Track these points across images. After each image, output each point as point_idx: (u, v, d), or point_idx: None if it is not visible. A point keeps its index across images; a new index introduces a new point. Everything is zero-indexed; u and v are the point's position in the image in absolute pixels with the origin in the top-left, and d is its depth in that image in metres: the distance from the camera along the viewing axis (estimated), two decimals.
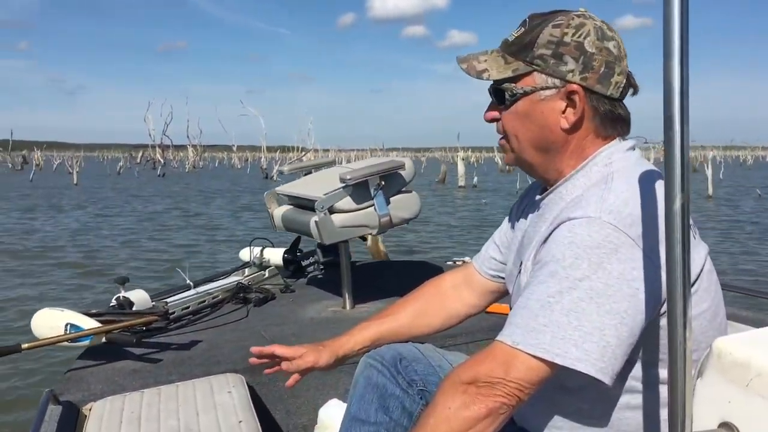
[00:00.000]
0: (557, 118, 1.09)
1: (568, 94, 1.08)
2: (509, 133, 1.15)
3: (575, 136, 1.10)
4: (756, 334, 0.85)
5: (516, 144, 1.14)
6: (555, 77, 1.08)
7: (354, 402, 1.25)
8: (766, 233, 11.95)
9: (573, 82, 1.07)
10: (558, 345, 0.93)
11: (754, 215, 15.31)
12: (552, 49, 1.07)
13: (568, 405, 1.08)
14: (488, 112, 1.17)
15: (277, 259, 3.14)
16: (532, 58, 1.08)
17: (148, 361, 2.04)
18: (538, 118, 1.10)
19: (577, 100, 1.08)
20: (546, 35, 1.08)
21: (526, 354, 0.94)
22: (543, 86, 1.09)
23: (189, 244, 11.05)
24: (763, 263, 8.89)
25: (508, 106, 1.12)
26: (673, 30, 0.68)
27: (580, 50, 1.07)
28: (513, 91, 1.10)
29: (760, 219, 14.50)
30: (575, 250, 0.95)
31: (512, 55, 1.11)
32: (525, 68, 1.09)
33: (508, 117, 1.13)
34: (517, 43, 1.11)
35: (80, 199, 20.87)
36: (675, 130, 0.70)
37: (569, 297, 0.94)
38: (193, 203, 19.67)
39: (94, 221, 14.30)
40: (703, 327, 1.04)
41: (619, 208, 0.97)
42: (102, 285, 7.25)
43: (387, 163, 2.51)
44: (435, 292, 1.46)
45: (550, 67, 1.08)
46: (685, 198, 0.70)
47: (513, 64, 1.10)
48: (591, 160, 1.10)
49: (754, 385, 0.74)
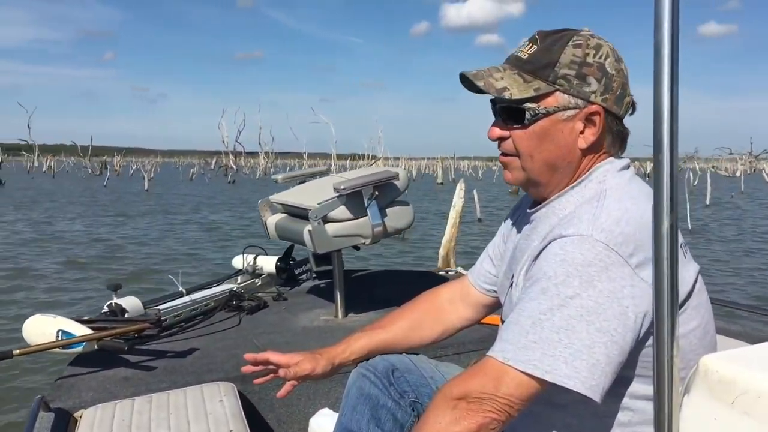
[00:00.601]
0: (576, 138, 1.10)
1: (589, 114, 1.09)
2: (522, 152, 1.12)
3: (587, 156, 1.12)
4: (742, 352, 0.86)
5: (529, 163, 1.12)
6: (579, 98, 1.08)
7: (346, 412, 1.26)
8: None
9: (595, 102, 1.09)
10: (548, 362, 0.94)
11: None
12: (576, 70, 1.07)
13: (557, 420, 1.09)
14: (496, 129, 1.15)
15: (270, 267, 3.15)
16: (555, 78, 1.07)
17: (139, 368, 2.04)
18: (557, 138, 1.10)
19: (597, 121, 1.09)
20: (569, 55, 1.07)
21: (517, 370, 0.95)
22: (565, 106, 1.08)
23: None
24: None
25: (527, 126, 1.10)
26: (663, 56, 0.70)
27: (602, 71, 1.08)
28: (535, 111, 1.08)
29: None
30: (566, 268, 0.96)
31: (530, 73, 1.09)
32: (547, 88, 1.08)
33: (523, 136, 1.11)
34: (535, 61, 1.08)
35: (148, 204, 20.73)
36: (664, 152, 0.71)
37: (560, 314, 0.95)
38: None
39: (159, 227, 13.97)
40: (693, 345, 1.05)
41: (611, 227, 0.98)
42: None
43: (381, 174, 2.52)
44: (431, 306, 1.46)
45: (573, 87, 1.08)
46: (674, 219, 0.72)
47: (533, 83, 1.08)
48: (586, 177, 1.11)
49: (740, 403, 0.76)
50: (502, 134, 1.14)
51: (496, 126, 1.15)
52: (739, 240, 12.62)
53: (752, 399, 0.74)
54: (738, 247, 11.60)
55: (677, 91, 0.71)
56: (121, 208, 19.19)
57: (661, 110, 0.71)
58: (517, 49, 1.13)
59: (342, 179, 2.50)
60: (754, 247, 11.80)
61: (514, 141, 1.12)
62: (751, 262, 10.00)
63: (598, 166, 1.12)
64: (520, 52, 1.11)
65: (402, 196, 2.65)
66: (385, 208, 2.52)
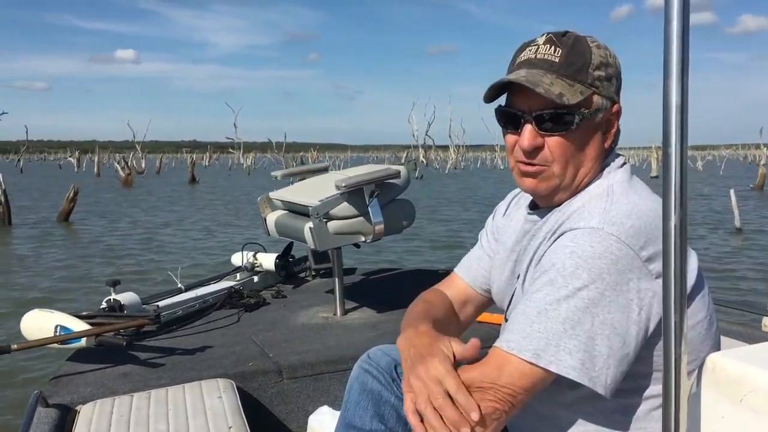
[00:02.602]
0: (602, 140, 1.11)
1: (612, 115, 1.10)
2: (560, 159, 1.08)
3: (603, 155, 1.13)
4: (750, 350, 0.85)
5: (563, 170, 1.08)
6: (607, 98, 1.09)
7: (349, 408, 1.25)
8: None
9: (617, 102, 1.10)
10: (551, 352, 0.93)
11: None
12: (604, 71, 1.08)
13: (564, 420, 1.08)
14: (531, 139, 1.08)
15: (270, 264, 3.14)
16: (592, 80, 1.07)
17: (138, 364, 2.03)
18: (593, 141, 1.10)
19: (614, 121, 1.11)
20: (597, 56, 1.07)
21: (519, 359, 0.95)
22: (598, 108, 1.08)
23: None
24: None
25: (572, 132, 1.07)
26: (672, 50, 0.69)
27: (617, 70, 1.10)
28: (582, 115, 1.06)
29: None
30: (576, 260, 0.96)
31: (569, 77, 1.06)
32: (587, 91, 1.07)
33: (565, 142, 1.07)
34: (569, 64, 1.06)
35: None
36: (673, 147, 0.70)
37: (566, 305, 0.95)
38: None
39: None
40: (702, 336, 1.04)
41: (622, 220, 0.98)
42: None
43: (382, 171, 2.51)
44: (449, 312, 1.34)
45: (605, 89, 1.08)
46: (683, 214, 0.71)
47: (576, 87, 1.06)
48: (596, 176, 1.12)
49: (748, 401, 0.75)
50: (539, 143, 1.08)
51: (528, 134, 1.08)
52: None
53: (761, 397, 0.73)
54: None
55: (687, 84, 0.70)
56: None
57: (670, 105, 0.71)
58: (534, 53, 1.09)
59: (343, 176, 2.49)
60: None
61: (551, 149, 1.08)
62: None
63: (605, 163, 1.13)
64: (547, 56, 1.07)
65: (404, 194, 2.64)
66: (386, 206, 2.51)
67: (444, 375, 0.96)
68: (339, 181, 2.39)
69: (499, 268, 1.27)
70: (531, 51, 1.10)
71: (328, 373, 2.08)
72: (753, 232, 11.84)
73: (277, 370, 2.04)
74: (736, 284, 7.39)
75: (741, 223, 11.86)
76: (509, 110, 1.11)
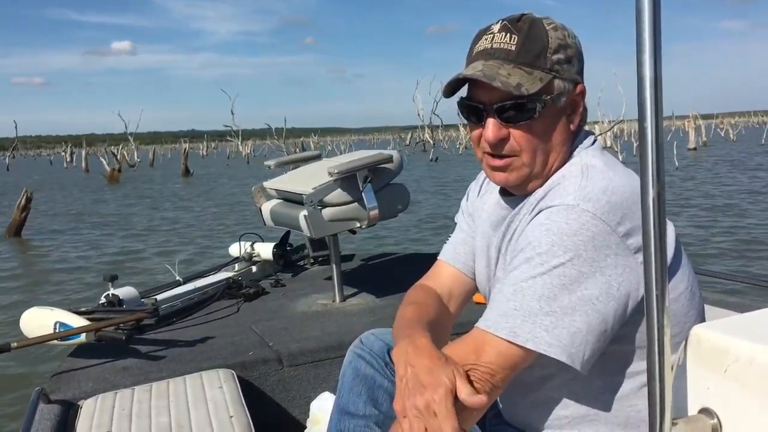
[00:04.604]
0: (567, 122, 1.09)
1: (576, 96, 1.09)
2: (527, 149, 1.06)
3: (571, 136, 1.11)
4: (733, 320, 0.86)
5: (532, 159, 1.07)
6: (569, 81, 1.07)
7: (343, 394, 1.26)
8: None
9: (580, 83, 1.09)
10: (528, 329, 0.93)
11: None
12: (563, 53, 1.06)
13: (555, 402, 1.09)
14: (495, 131, 1.06)
15: (267, 254, 3.15)
16: (551, 65, 1.04)
17: (138, 358, 2.04)
18: (558, 126, 1.08)
19: (579, 101, 1.09)
20: (555, 39, 1.05)
21: (497, 337, 0.95)
22: (560, 92, 1.06)
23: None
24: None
25: (535, 120, 1.05)
26: (644, 22, 0.69)
27: (577, 50, 1.09)
28: (544, 103, 1.04)
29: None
30: (551, 237, 0.96)
31: (527, 65, 1.04)
32: (547, 77, 1.04)
33: (530, 131, 1.05)
34: (526, 51, 1.04)
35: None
36: (648, 120, 0.70)
37: (542, 282, 0.95)
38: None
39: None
40: (685, 307, 1.05)
41: (598, 196, 0.97)
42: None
43: (374, 157, 2.51)
44: (440, 313, 1.27)
45: (565, 71, 1.06)
46: (660, 188, 0.71)
47: (535, 74, 1.03)
48: (567, 158, 1.10)
49: (732, 371, 0.75)
50: (503, 135, 1.06)
51: (492, 127, 1.06)
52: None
53: (743, 366, 0.74)
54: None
55: (660, 58, 0.70)
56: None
57: (644, 78, 0.70)
58: (490, 42, 1.06)
59: (336, 163, 2.49)
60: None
61: (517, 139, 1.06)
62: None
63: (575, 143, 1.11)
64: (503, 44, 1.05)
65: (398, 179, 2.64)
66: (380, 191, 2.51)
67: (444, 417, 0.89)
68: (332, 168, 2.39)
69: (479, 254, 1.25)
70: (487, 40, 1.07)
71: (328, 360, 2.09)
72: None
73: (277, 358, 2.05)
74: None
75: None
76: (470, 103, 1.09)
